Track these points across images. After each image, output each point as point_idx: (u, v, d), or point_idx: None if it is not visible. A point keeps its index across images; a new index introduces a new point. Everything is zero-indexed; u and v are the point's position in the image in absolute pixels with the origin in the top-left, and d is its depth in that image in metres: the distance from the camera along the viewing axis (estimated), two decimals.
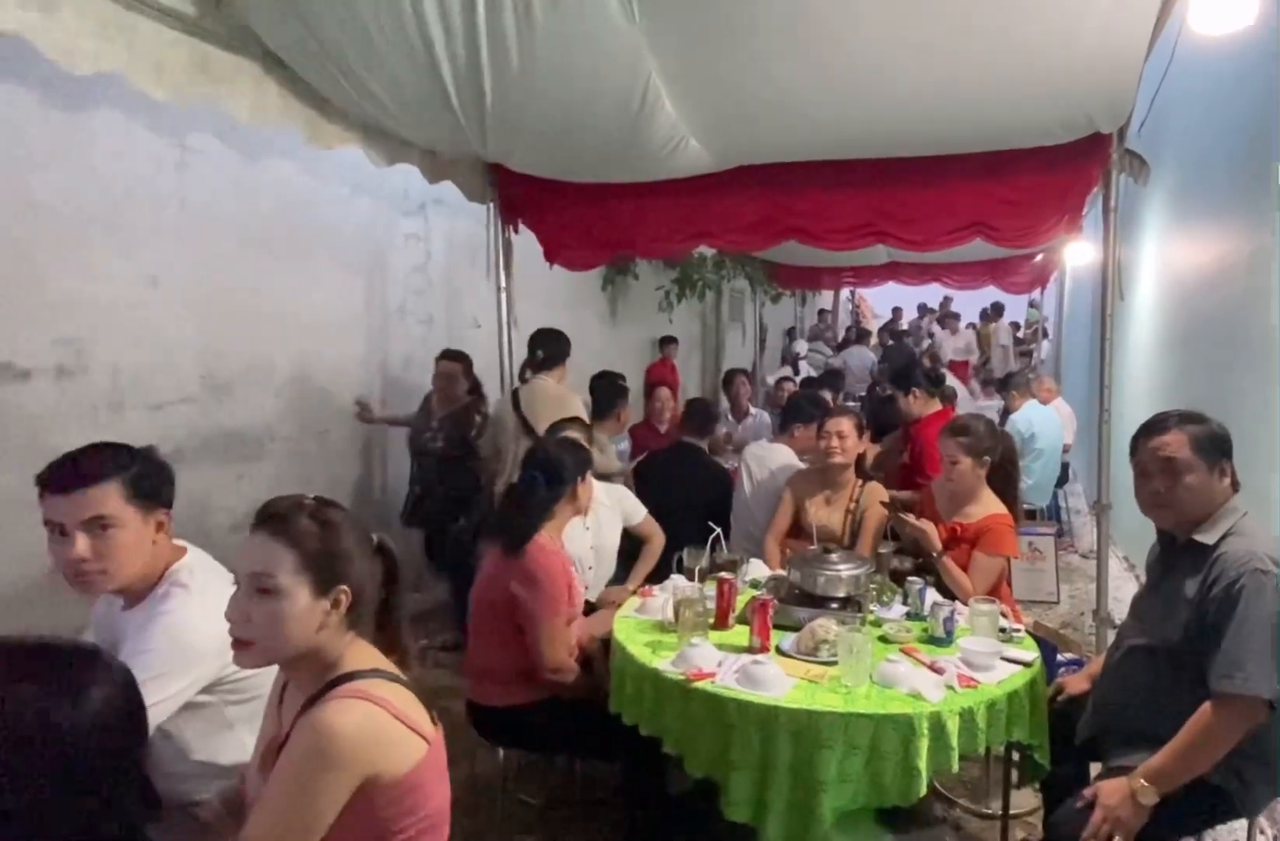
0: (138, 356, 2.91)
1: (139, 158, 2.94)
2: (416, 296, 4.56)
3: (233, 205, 3.32)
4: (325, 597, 1.36)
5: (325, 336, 3.89)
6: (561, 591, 2.48)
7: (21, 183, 2.58)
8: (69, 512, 1.56)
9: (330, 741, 1.28)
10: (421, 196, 4.50)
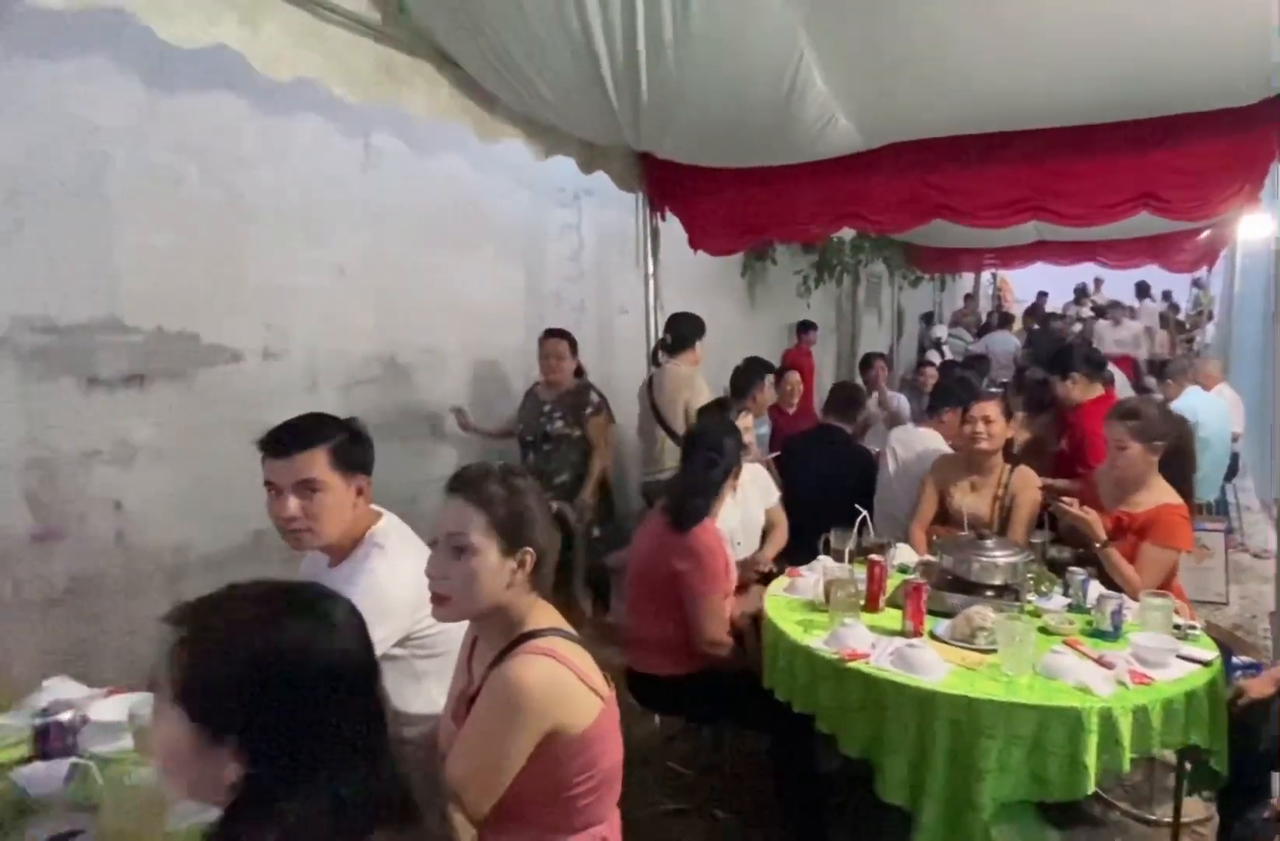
0: (329, 340, 3.10)
1: (330, 157, 3.11)
2: (569, 284, 4.65)
3: (409, 199, 3.46)
4: (512, 557, 1.42)
5: (489, 323, 4.02)
6: (721, 568, 2.48)
7: (235, 183, 2.77)
8: (283, 475, 1.68)
9: (518, 694, 1.33)
10: (575, 188, 4.58)
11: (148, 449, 2.52)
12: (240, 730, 0.87)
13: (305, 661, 0.90)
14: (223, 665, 0.87)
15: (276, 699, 0.88)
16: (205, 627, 0.89)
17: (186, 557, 2.67)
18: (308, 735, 0.89)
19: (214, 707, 0.87)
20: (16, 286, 2.20)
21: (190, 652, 0.88)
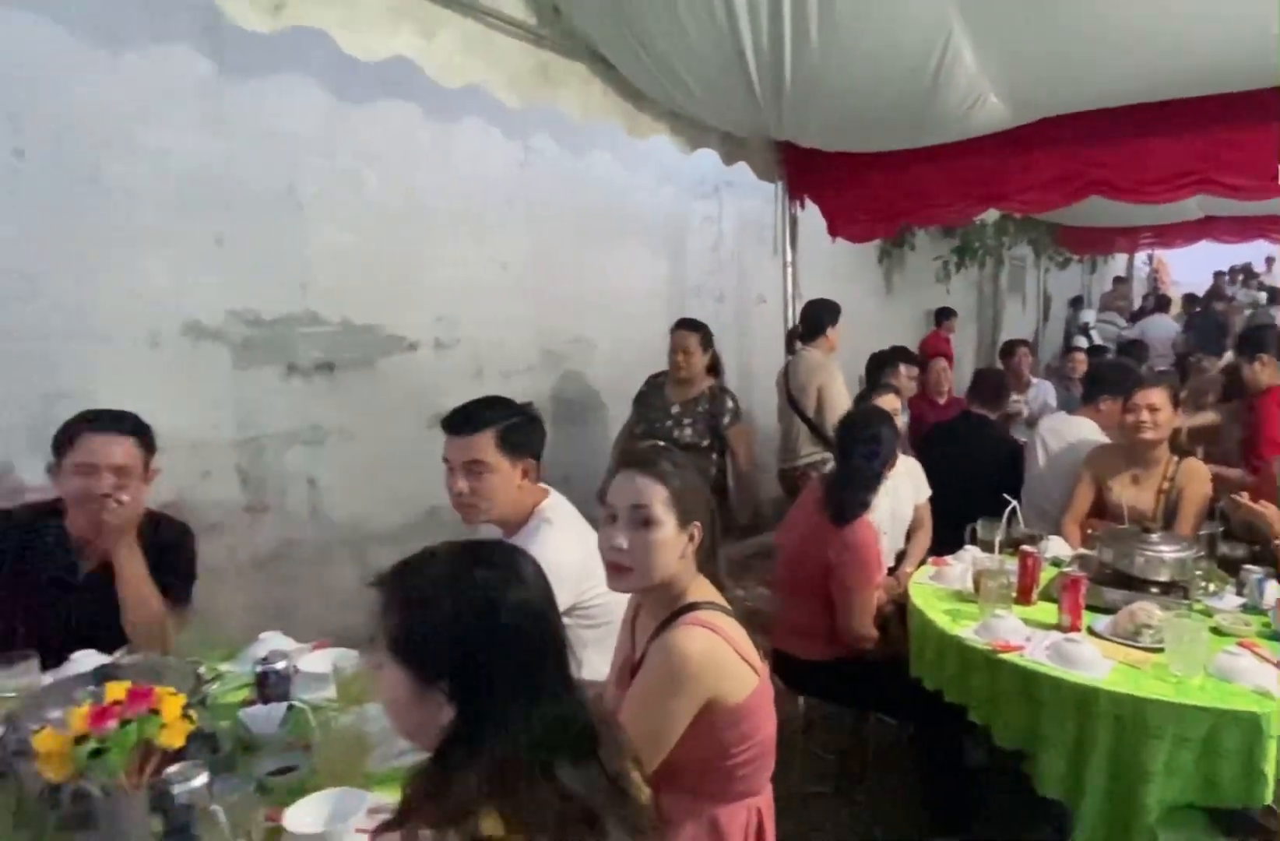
0: (492, 331, 3.24)
1: (493, 159, 3.24)
2: (709, 275, 4.65)
3: (563, 198, 3.56)
4: (684, 531, 1.45)
5: (634, 314, 4.07)
6: (874, 562, 2.44)
7: (409, 185, 2.94)
8: (456, 453, 1.77)
9: (680, 663, 1.36)
10: (715, 180, 4.57)
11: (336, 431, 2.73)
12: (448, 675, 0.94)
13: (496, 609, 0.95)
14: (425, 616, 0.94)
15: (475, 645, 0.94)
16: (408, 585, 0.97)
17: (368, 531, 2.88)
18: (505, 678, 0.95)
19: (422, 656, 0.94)
20: (228, 284, 2.42)
21: (397, 607, 0.96)
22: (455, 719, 0.94)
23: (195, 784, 1.28)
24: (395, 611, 0.95)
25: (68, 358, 2.18)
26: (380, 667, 0.97)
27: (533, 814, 0.90)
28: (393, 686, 0.96)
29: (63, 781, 1.21)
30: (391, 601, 0.96)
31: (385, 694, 0.98)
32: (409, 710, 0.96)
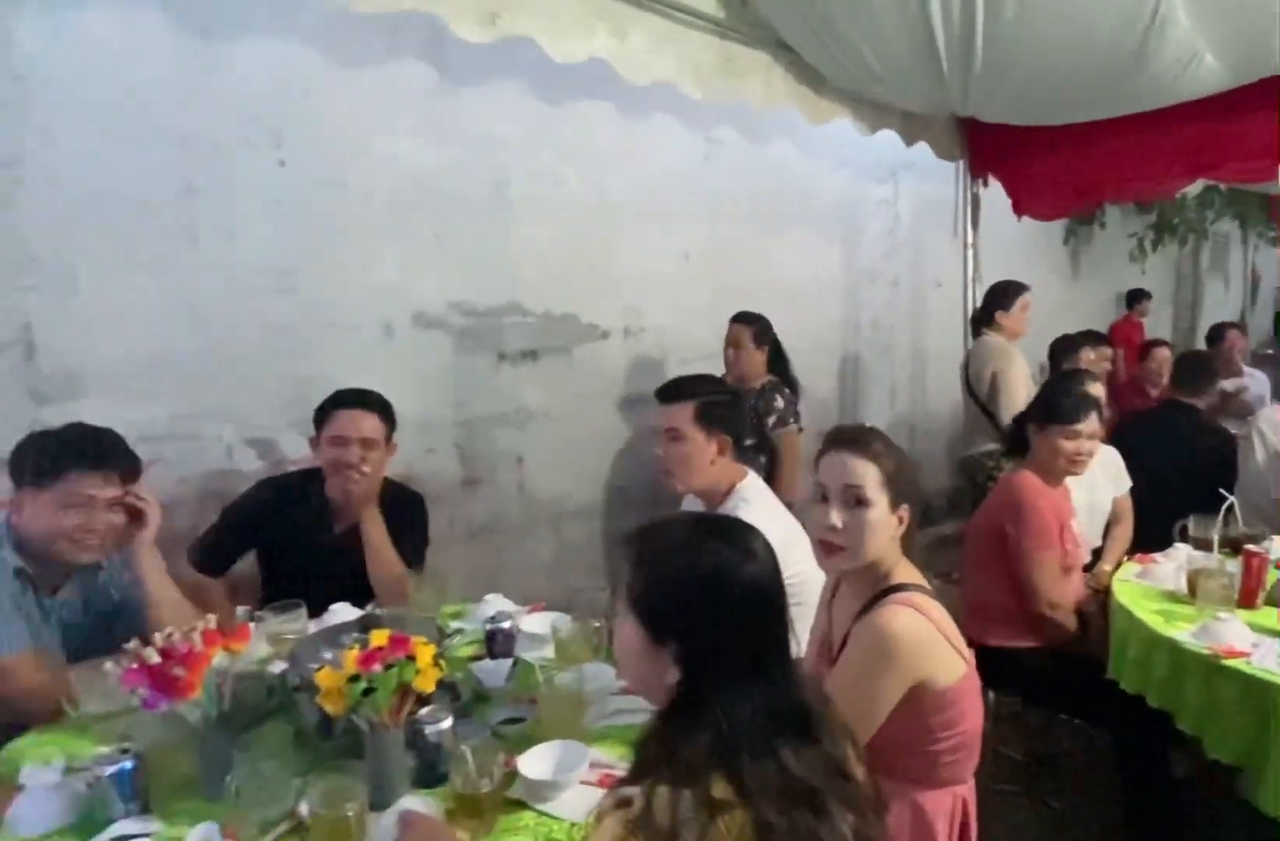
0: (675, 319, 3.27)
1: (677, 152, 3.26)
2: (884, 260, 4.47)
3: (742, 186, 3.53)
4: (895, 513, 1.41)
5: (809, 301, 3.98)
6: (1050, 526, 2.26)
7: (601, 181, 3.01)
8: (659, 420, 1.86)
9: (888, 642, 1.32)
10: (893, 162, 4.38)
11: (539, 413, 2.85)
12: (678, 636, 0.94)
13: (725, 581, 0.95)
14: (659, 577, 0.96)
15: (703, 612, 0.94)
16: (649, 546, 0.99)
17: (565, 507, 2.99)
18: (730, 649, 0.94)
19: (655, 614, 0.96)
20: (447, 278, 2.58)
21: (638, 564, 0.98)
22: (681, 681, 0.95)
23: (443, 726, 1.36)
24: (636, 568, 0.98)
25: (317, 345, 2.40)
26: (620, 618, 0.99)
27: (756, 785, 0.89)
28: (629, 637, 0.99)
29: (337, 714, 1.32)
30: (634, 558, 0.99)
31: (621, 643, 1.01)
32: (640, 662, 0.98)
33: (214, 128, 2.11)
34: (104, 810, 1.25)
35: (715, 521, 1.06)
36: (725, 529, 1.02)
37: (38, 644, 1.54)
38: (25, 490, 1.55)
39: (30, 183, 1.84)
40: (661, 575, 0.96)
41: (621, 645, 1.00)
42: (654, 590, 0.95)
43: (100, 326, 1.96)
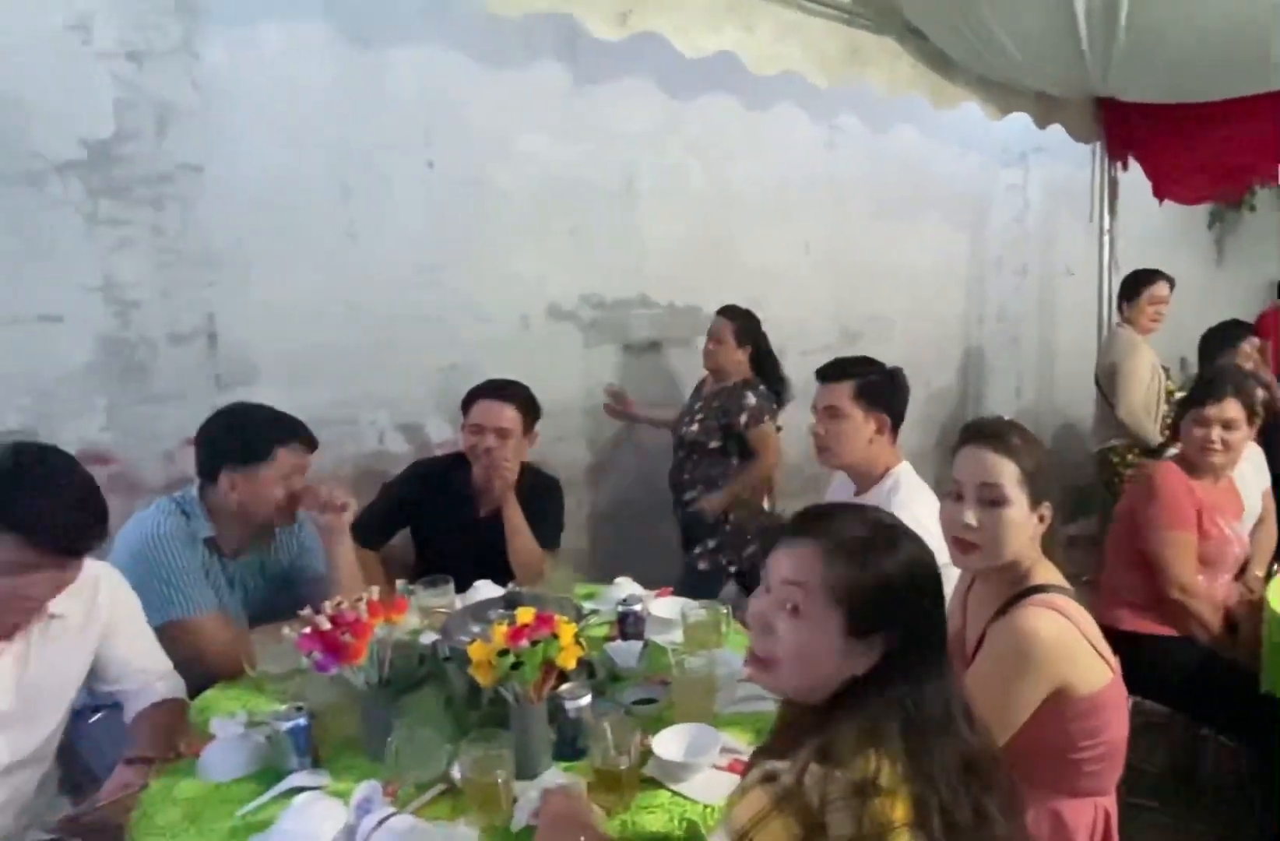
0: (794, 310, 3.20)
1: (799, 142, 3.18)
2: (1012, 247, 4.22)
3: (865, 174, 3.41)
4: (1035, 512, 1.33)
5: (932, 290, 3.82)
6: (1184, 508, 2.09)
7: (725, 175, 2.97)
8: (819, 398, 1.86)
9: (1028, 646, 1.24)
10: (1022, 146, 4.12)
11: (661, 403, 2.85)
12: (886, 628, 0.91)
13: (924, 570, 0.94)
14: (872, 571, 0.91)
15: (912, 601, 0.92)
16: (846, 540, 0.93)
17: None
18: (928, 637, 0.93)
19: (866, 606, 0.90)
20: (578, 271, 2.61)
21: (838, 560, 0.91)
22: (873, 669, 0.91)
23: (582, 702, 1.38)
24: (837, 560, 0.91)
25: (461, 336, 2.48)
26: (795, 611, 0.92)
27: (935, 772, 0.86)
28: (818, 630, 0.91)
29: (487, 686, 1.35)
30: (830, 550, 0.92)
31: (801, 636, 0.92)
32: (826, 654, 0.92)
33: (370, 132, 2.21)
34: (281, 762, 1.33)
35: (880, 512, 1.01)
36: (894, 520, 0.99)
37: (222, 606, 1.66)
38: (232, 465, 1.64)
39: (211, 186, 1.98)
40: (871, 568, 0.90)
41: (803, 638, 0.92)
42: (865, 583, 0.90)
43: (272, 319, 2.09)
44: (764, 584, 0.98)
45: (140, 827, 1.22)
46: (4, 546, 1.14)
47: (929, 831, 0.85)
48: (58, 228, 1.81)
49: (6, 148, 1.75)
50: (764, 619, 0.95)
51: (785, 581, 0.94)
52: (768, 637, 0.94)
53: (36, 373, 1.83)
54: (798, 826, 0.80)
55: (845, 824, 0.80)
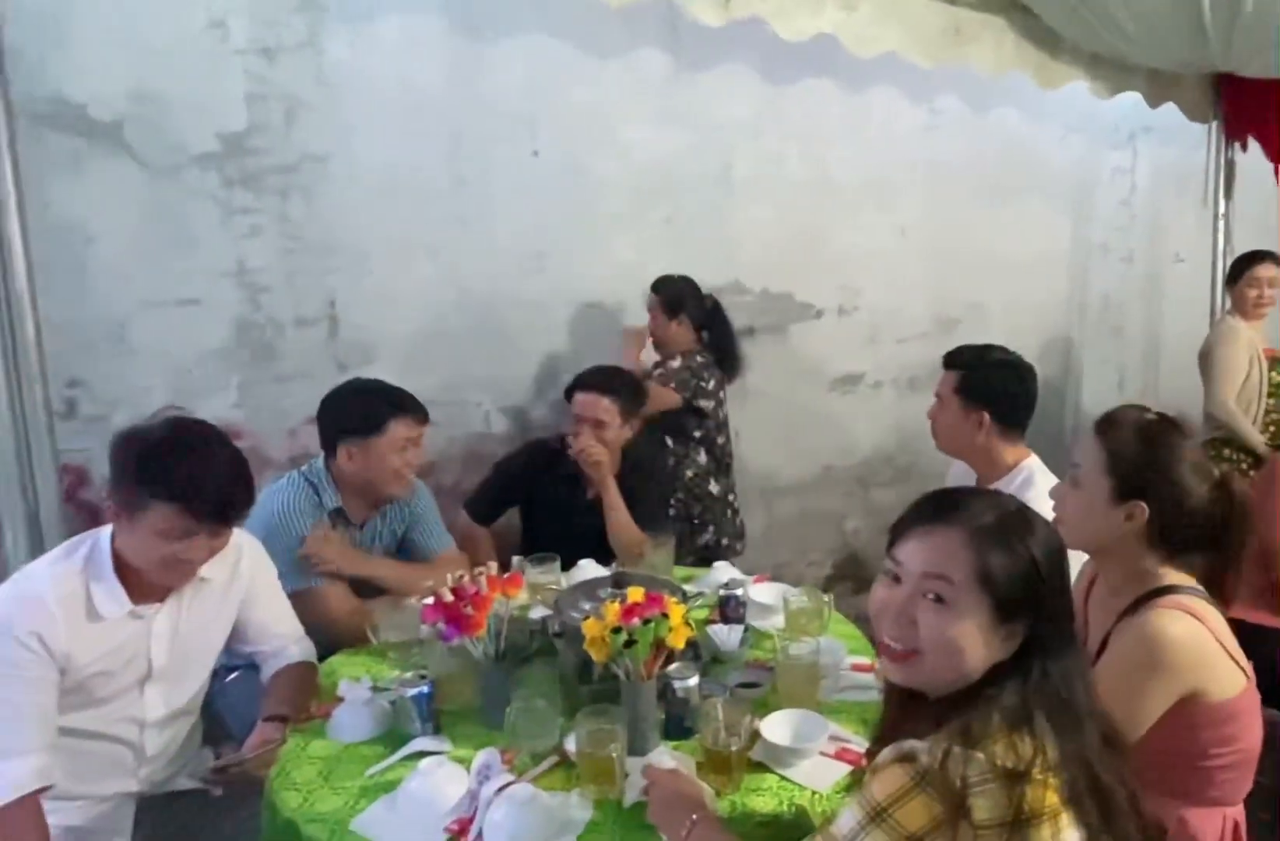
0: (889, 297, 3.10)
1: (898, 125, 3.07)
2: (1118, 233, 3.98)
3: (964, 157, 3.27)
4: (1120, 505, 1.26)
5: (1032, 277, 3.63)
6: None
7: (822, 159, 2.90)
8: (937, 385, 1.82)
9: (1160, 649, 1.17)
10: (1130, 127, 3.87)
11: (753, 390, 2.81)
12: (1031, 614, 0.88)
13: (1063, 555, 0.92)
14: (1018, 558, 0.88)
15: (1055, 587, 0.90)
16: (986, 526, 0.90)
17: (775, 482, 2.96)
18: (1068, 623, 0.92)
19: (1015, 593, 0.88)
20: (674, 259, 2.59)
21: (983, 547, 0.89)
22: (1015, 653, 0.89)
23: (690, 682, 1.38)
24: (982, 546, 0.88)
25: (562, 323, 2.50)
26: (940, 601, 0.89)
27: (1083, 752, 0.85)
28: (963, 619, 0.88)
29: (600, 662, 1.35)
30: (973, 536, 0.89)
31: (949, 627, 0.89)
32: (973, 644, 0.88)
33: (479, 122, 2.24)
34: (405, 726, 1.37)
35: (1000, 493, 0.99)
36: (1018, 500, 0.96)
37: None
38: (349, 437, 1.71)
39: (333, 176, 2.04)
40: (1017, 551, 0.88)
41: (950, 629, 0.88)
42: (1012, 567, 0.87)
43: (387, 304, 2.15)
44: (889, 573, 0.94)
45: (279, 782, 1.27)
46: (166, 514, 1.20)
47: (1083, 813, 0.83)
48: (196, 216, 1.90)
49: (152, 141, 1.84)
50: (901, 610, 0.91)
51: (927, 573, 0.90)
52: (906, 630, 0.91)
53: (177, 352, 1.94)
54: (939, 805, 0.79)
55: (990, 807, 0.78)
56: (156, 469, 1.19)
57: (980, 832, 0.78)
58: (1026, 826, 0.79)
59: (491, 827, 1.15)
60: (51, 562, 1.27)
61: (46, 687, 1.19)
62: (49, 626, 1.19)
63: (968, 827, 0.78)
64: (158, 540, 1.20)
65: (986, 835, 0.78)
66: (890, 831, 0.80)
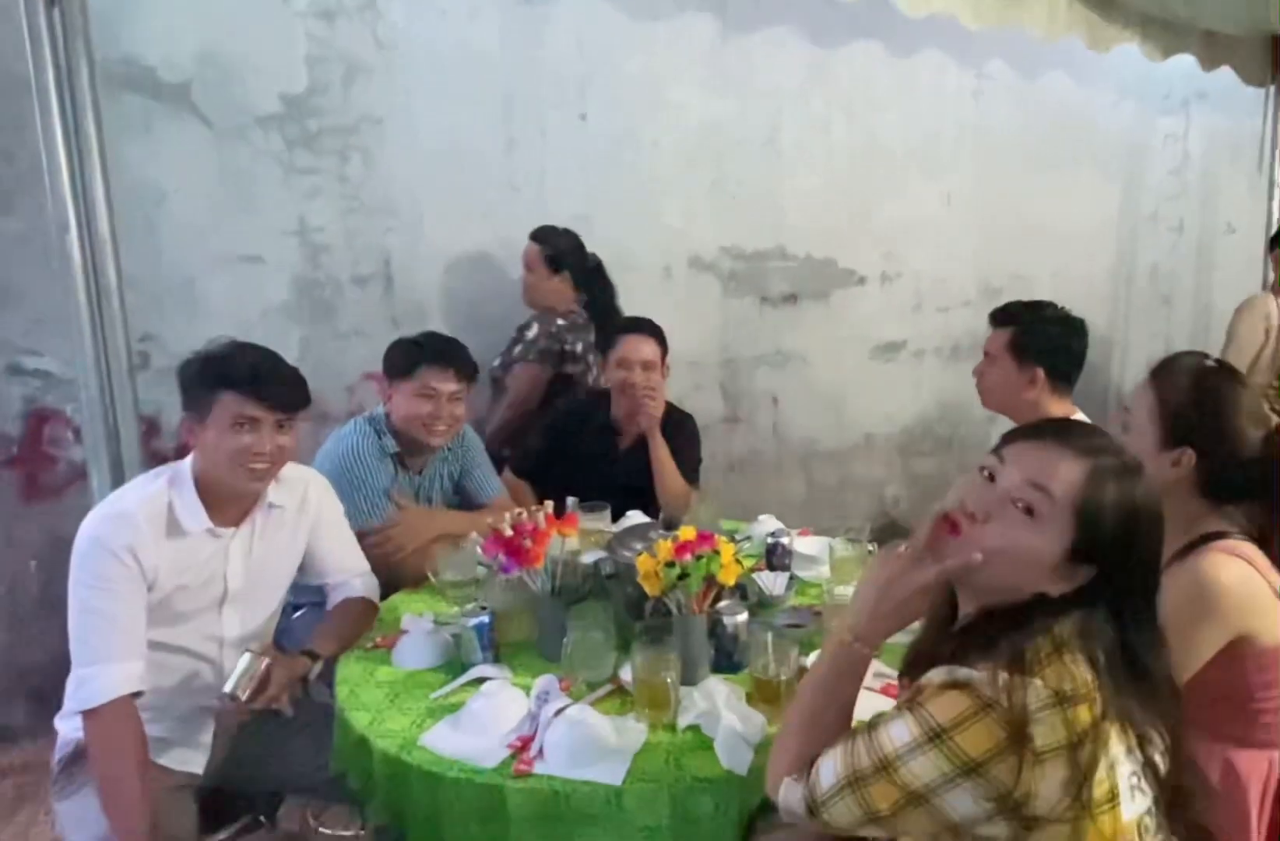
0: (933, 266, 3.09)
1: (946, 90, 3.04)
2: (1168, 202, 3.89)
3: (1013, 124, 3.23)
4: (1168, 451, 1.24)
5: (1080, 246, 3.58)
6: None
7: (869, 125, 2.88)
8: (987, 341, 1.82)
9: (1213, 592, 1.16)
10: (1183, 92, 3.78)
11: (795, 356, 2.83)
12: (1113, 556, 0.87)
13: (1156, 514, 0.90)
14: (1117, 500, 0.87)
15: (1144, 534, 0.88)
16: (1106, 463, 0.88)
17: (816, 448, 2.96)
18: (1136, 576, 0.89)
19: (1101, 532, 0.87)
20: (721, 223, 2.61)
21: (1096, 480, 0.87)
22: (1073, 592, 0.88)
23: (740, 618, 1.41)
24: (1097, 479, 0.87)
25: None
26: (1030, 513, 0.87)
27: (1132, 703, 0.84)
28: (1040, 539, 0.87)
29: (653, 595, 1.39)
30: (1095, 467, 0.88)
31: (1020, 540, 0.87)
32: (1032, 566, 0.88)
33: (530, 86, 2.27)
34: (467, 656, 1.42)
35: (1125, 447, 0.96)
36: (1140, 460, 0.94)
37: None
38: (393, 384, 1.78)
39: (390, 138, 2.09)
40: (1125, 496, 0.86)
41: (1020, 543, 0.87)
42: (1110, 510, 0.86)
43: (441, 264, 2.20)
44: (986, 469, 0.92)
45: (349, 702, 1.34)
46: (233, 401, 1.29)
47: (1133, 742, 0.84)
48: (260, 176, 1.96)
49: (218, 103, 1.90)
50: (982, 502, 0.89)
51: (1031, 482, 0.88)
52: (977, 525, 0.89)
53: (242, 308, 2.01)
54: (1001, 731, 0.78)
55: (1048, 733, 0.78)
56: (222, 364, 1.31)
57: (1041, 757, 0.78)
58: (1082, 749, 0.79)
59: (552, 745, 1.20)
60: (138, 485, 1.36)
61: (137, 600, 1.27)
62: (140, 540, 1.27)
63: (1030, 754, 0.78)
64: (229, 434, 1.29)
65: (1047, 760, 0.78)
66: (950, 755, 0.79)
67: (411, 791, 1.21)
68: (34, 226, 1.69)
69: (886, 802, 0.83)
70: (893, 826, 0.86)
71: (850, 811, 0.86)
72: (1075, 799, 0.78)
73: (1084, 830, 0.80)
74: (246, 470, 1.31)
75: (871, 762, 0.84)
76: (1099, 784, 0.79)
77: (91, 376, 1.60)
